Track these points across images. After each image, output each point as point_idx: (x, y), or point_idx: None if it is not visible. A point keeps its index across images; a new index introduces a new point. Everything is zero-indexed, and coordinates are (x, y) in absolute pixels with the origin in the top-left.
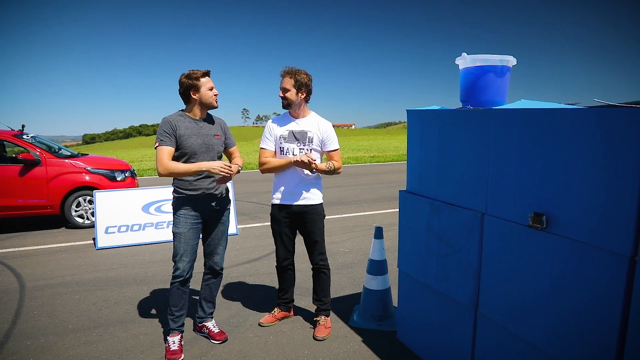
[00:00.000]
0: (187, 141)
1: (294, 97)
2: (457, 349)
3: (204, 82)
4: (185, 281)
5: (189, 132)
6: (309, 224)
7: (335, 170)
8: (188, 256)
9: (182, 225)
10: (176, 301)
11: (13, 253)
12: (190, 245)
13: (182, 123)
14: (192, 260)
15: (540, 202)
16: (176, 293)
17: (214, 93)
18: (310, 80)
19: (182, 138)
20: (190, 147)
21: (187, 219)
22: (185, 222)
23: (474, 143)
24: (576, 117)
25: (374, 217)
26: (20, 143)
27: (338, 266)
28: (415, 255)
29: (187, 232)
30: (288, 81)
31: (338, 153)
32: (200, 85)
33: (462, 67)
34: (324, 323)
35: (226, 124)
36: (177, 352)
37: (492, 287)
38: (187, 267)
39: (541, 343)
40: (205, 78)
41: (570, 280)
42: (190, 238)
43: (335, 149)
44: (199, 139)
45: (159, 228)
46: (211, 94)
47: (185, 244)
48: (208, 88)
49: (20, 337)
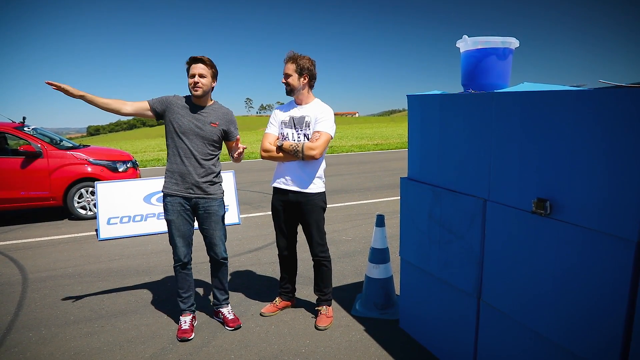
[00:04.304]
0: (178, 119)
1: (296, 83)
2: (460, 337)
3: (190, 69)
4: (184, 265)
5: (182, 112)
6: (304, 215)
7: (302, 152)
8: (181, 242)
9: (171, 212)
10: (181, 284)
11: (16, 245)
12: (181, 231)
13: (181, 102)
14: (186, 245)
15: (544, 187)
16: (180, 276)
17: (194, 81)
18: (313, 65)
19: (172, 113)
20: (179, 126)
21: (174, 205)
22: (172, 208)
23: (475, 128)
24: (581, 98)
25: (376, 205)
26: (21, 135)
27: (340, 255)
28: (417, 242)
29: (176, 219)
30: (290, 66)
31: (321, 136)
32: (189, 71)
33: (463, 50)
34: (326, 312)
35: (234, 117)
36: (187, 332)
37: (495, 274)
38: (184, 252)
39: (546, 331)
40: (193, 65)
41: (575, 266)
42: (180, 224)
43: (319, 130)
44: (192, 122)
45: (160, 218)
46: (190, 81)
47: (176, 229)
48: (190, 75)
49: (23, 328)
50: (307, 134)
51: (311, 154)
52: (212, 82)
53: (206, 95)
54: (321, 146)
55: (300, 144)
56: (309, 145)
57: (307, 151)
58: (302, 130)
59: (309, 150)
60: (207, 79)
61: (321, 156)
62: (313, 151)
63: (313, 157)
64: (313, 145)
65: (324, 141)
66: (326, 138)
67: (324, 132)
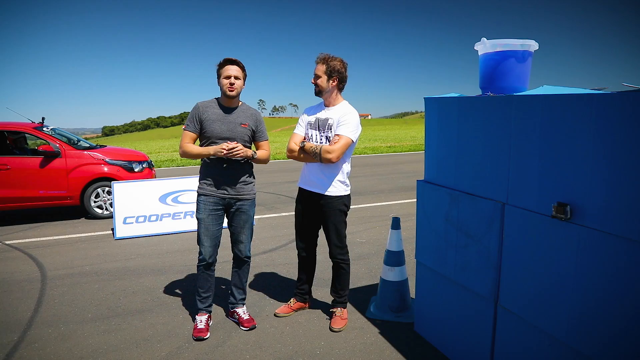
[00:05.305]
0: (210, 126)
1: (324, 84)
2: (477, 341)
3: (222, 71)
4: (208, 265)
5: (214, 117)
6: (324, 216)
7: (320, 155)
8: (208, 241)
9: (202, 211)
10: (202, 283)
11: (35, 243)
12: (210, 231)
13: (211, 109)
14: (213, 245)
15: (564, 191)
16: (202, 276)
17: (229, 82)
18: (345, 68)
19: (206, 122)
20: (212, 131)
21: (207, 205)
22: (205, 207)
23: (494, 131)
24: (604, 102)
25: (390, 207)
26: (40, 135)
27: (355, 257)
28: (433, 246)
29: (206, 218)
30: (320, 68)
31: (340, 140)
32: (220, 73)
33: (481, 53)
34: (341, 314)
35: (261, 117)
36: (203, 331)
37: (514, 279)
38: (210, 252)
39: (565, 337)
40: (226, 67)
41: (596, 272)
42: (210, 224)
43: (339, 134)
44: (223, 125)
45: (176, 218)
46: (225, 82)
47: (205, 229)
48: (224, 76)
49: (42, 324)
50: (329, 137)
51: (327, 157)
52: (243, 84)
53: (238, 96)
54: (338, 150)
55: (319, 146)
56: (327, 148)
57: (324, 154)
58: (324, 133)
59: (326, 154)
60: (241, 80)
61: (338, 160)
62: (330, 154)
63: (329, 160)
64: (330, 149)
65: (343, 145)
66: (345, 142)
67: (344, 136)
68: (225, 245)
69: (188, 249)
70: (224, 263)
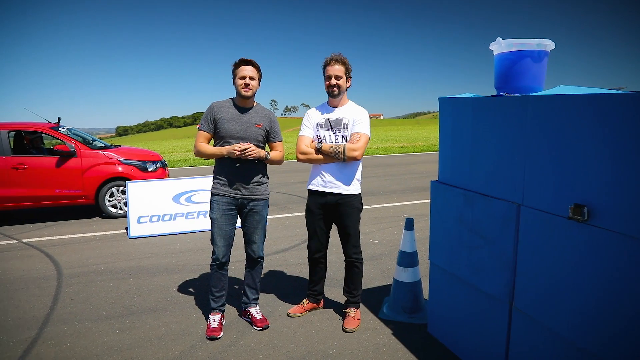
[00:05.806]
0: (224, 125)
1: (345, 85)
2: (491, 343)
3: (238, 71)
4: (222, 265)
5: (228, 117)
6: (342, 217)
7: (344, 154)
8: (222, 241)
9: (215, 210)
10: (215, 283)
11: (51, 241)
12: (223, 230)
13: (225, 109)
14: (226, 245)
15: (581, 193)
16: (215, 275)
17: (245, 82)
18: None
19: (220, 122)
20: (227, 131)
21: (220, 205)
22: (218, 207)
23: (509, 132)
24: (623, 102)
25: (403, 207)
26: (56, 135)
27: (367, 257)
28: (446, 247)
29: (219, 218)
30: (340, 68)
31: (361, 137)
32: (235, 73)
33: (496, 53)
34: (354, 315)
35: (275, 118)
36: (216, 330)
37: (529, 281)
38: (222, 252)
39: (581, 341)
40: (241, 67)
41: (614, 275)
42: (223, 224)
43: (358, 132)
44: (238, 125)
45: (189, 218)
46: (240, 82)
47: (218, 229)
48: (239, 77)
49: (58, 322)
50: (346, 136)
51: (353, 155)
52: (258, 84)
53: (253, 97)
54: (362, 147)
55: (341, 146)
56: (351, 146)
57: (349, 152)
58: (340, 132)
59: (351, 152)
60: (256, 81)
61: (361, 157)
62: (355, 152)
63: (355, 158)
64: (355, 147)
65: (365, 142)
66: (366, 139)
67: (363, 134)
68: (239, 245)
69: (201, 248)
70: (237, 263)
